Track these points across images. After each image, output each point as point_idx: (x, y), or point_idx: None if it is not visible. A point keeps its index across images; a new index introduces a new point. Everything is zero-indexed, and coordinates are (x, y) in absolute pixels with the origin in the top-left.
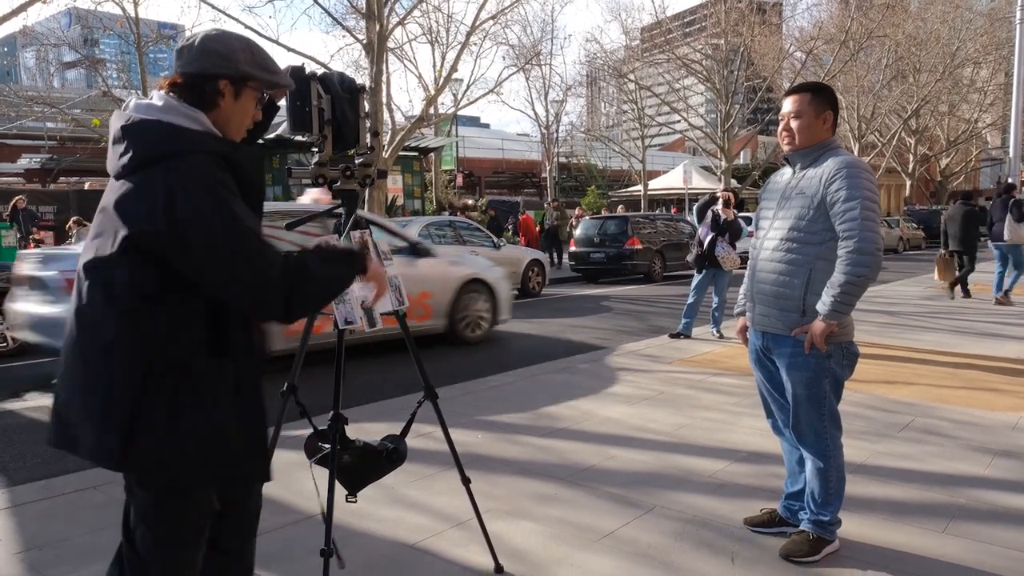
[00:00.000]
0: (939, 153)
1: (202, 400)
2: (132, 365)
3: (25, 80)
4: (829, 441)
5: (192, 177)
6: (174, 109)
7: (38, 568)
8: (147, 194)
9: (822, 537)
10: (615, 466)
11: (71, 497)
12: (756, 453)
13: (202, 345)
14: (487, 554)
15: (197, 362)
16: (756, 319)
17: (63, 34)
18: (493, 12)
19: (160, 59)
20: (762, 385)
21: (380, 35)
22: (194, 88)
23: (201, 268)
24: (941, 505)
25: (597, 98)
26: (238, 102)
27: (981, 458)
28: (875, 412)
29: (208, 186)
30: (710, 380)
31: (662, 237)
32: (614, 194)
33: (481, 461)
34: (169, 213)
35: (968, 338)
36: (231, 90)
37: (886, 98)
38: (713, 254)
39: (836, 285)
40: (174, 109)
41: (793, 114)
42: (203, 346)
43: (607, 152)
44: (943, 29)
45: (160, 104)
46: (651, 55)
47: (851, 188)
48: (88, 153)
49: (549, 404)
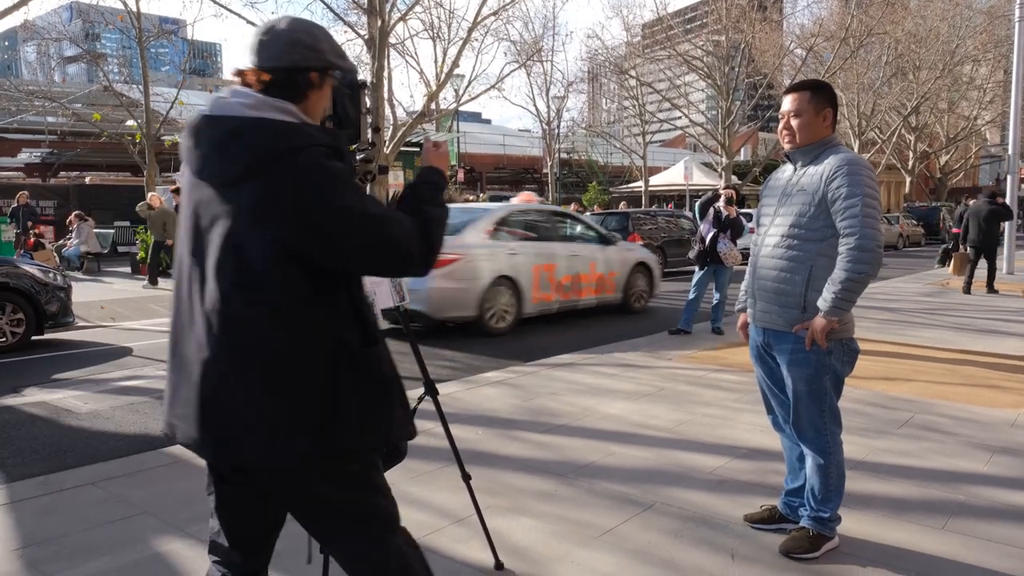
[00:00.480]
0: (939, 150)
1: (371, 387)
2: (309, 367)
3: (26, 74)
4: (829, 437)
5: (321, 170)
6: (271, 105)
7: (36, 565)
8: (281, 194)
9: (822, 534)
10: (615, 463)
11: (70, 493)
12: (756, 449)
13: (357, 337)
14: (487, 551)
15: (358, 353)
16: (757, 315)
17: (64, 28)
18: (495, 8)
19: (161, 54)
20: (763, 381)
21: (382, 30)
22: (287, 82)
23: (348, 254)
24: (941, 502)
25: (598, 94)
26: (321, 92)
27: (981, 455)
28: (875, 408)
29: (335, 176)
30: (710, 376)
31: (663, 233)
32: (615, 190)
33: (481, 457)
34: (308, 209)
35: (968, 334)
36: (318, 81)
37: (886, 95)
38: (715, 250)
39: (837, 282)
40: (271, 105)
41: (793, 112)
42: (358, 338)
43: (608, 148)
44: (943, 26)
45: (253, 101)
46: (652, 51)
47: (852, 185)
48: (89, 148)
49: (549, 400)
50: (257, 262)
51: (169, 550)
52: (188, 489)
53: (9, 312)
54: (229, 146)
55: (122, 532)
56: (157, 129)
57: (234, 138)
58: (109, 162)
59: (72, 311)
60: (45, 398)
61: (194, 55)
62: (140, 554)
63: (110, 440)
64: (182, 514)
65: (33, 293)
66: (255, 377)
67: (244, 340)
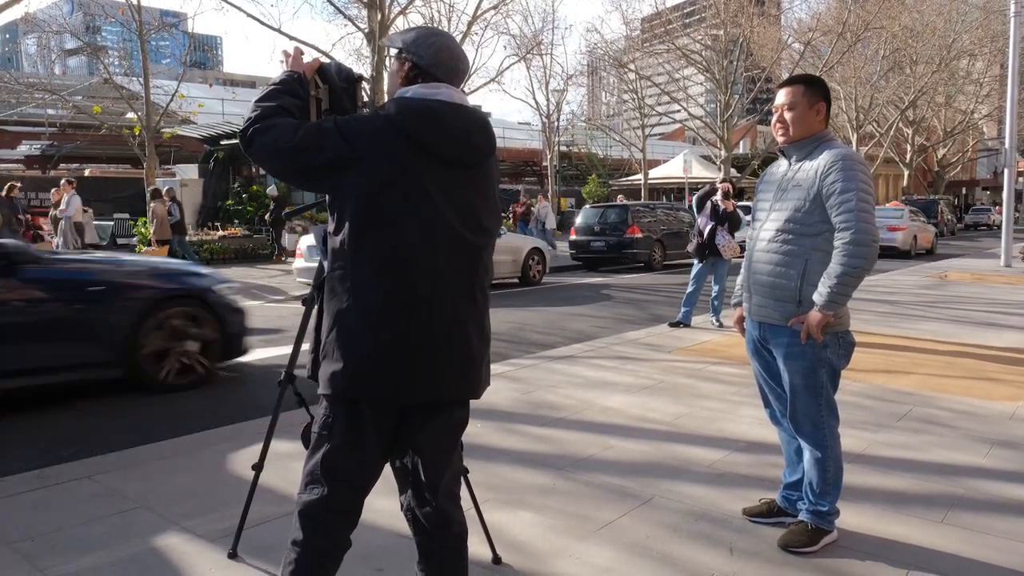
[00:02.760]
0: (936, 143)
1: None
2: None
3: (26, 67)
4: (827, 431)
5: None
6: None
7: (31, 559)
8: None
9: (820, 527)
10: (614, 456)
11: (65, 487)
12: (755, 443)
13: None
14: (485, 544)
15: None
16: (753, 309)
17: (65, 21)
18: (495, 2)
19: (162, 47)
20: (759, 375)
21: (382, 24)
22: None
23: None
24: (939, 495)
25: (598, 87)
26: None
27: (979, 447)
28: (873, 402)
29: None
30: (709, 369)
31: (662, 226)
32: (615, 183)
33: (479, 451)
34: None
35: (966, 327)
36: None
37: (883, 89)
38: (713, 243)
39: (833, 276)
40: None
41: (787, 106)
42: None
43: (608, 141)
44: (939, 21)
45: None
46: (651, 45)
47: (846, 180)
48: (88, 140)
49: (548, 393)
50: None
51: (165, 544)
52: (184, 483)
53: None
54: (485, 132)
55: (117, 526)
56: (157, 122)
57: (488, 127)
58: (109, 154)
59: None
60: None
61: (195, 48)
62: (135, 548)
63: (106, 433)
64: (178, 508)
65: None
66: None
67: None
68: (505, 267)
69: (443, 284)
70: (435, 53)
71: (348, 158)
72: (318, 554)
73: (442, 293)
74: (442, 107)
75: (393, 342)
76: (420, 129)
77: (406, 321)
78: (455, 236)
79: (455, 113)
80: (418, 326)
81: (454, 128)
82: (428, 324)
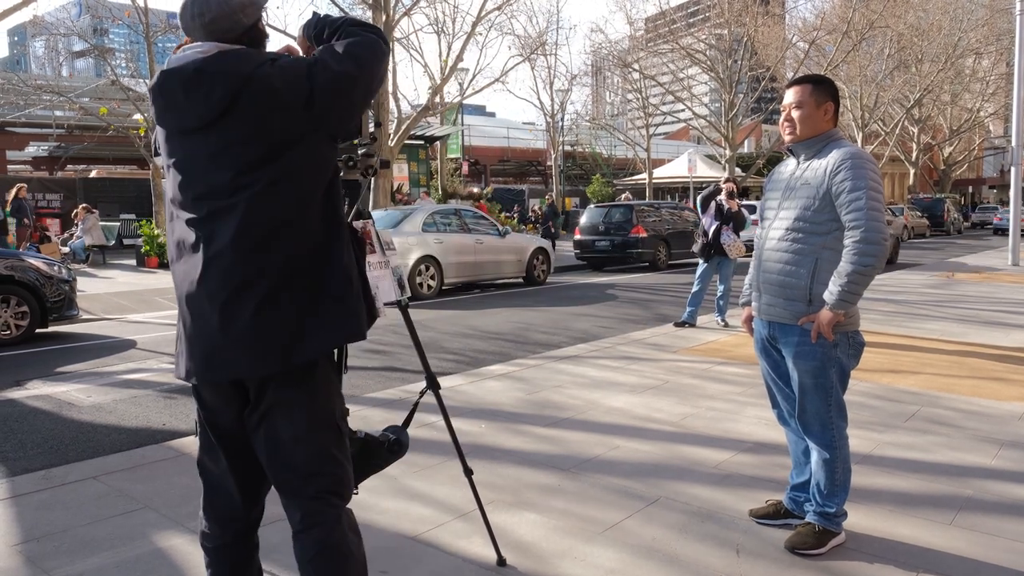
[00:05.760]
0: (942, 142)
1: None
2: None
3: (34, 69)
4: (835, 432)
5: None
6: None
7: (36, 560)
8: None
9: (828, 529)
10: (619, 456)
11: (71, 487)
12: (761, 443)
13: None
14: (490, 546)
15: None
16: (762, 308)
17: (73, 24)
18: (499, 2)
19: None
20: (768, 375)
21: (387, 25)
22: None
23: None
24: (948, 496)
25: (602, 87)
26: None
27: (988, 448)
28: (881, 402)
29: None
30: (715, 369)
31: (667, 225)
32: (619, 182)
33: (484, 451)
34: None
35: (974, 327)
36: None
37: (889, 87)
38: (718, 243)
39: (843, 275)
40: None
41: (795, 105)
42: None
43: (612, 140)
44: (944, 19)
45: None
46: (655, 45)
47: (856, 179)
48: (95, 141)
49: (553, 393)
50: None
51: (170, 545)
52: (189, 484)
53: (13, 305)
54: None
55: (123, 527)
56: None
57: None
58: (115, 155)
59: (76, 304)
60: (48, 391)
61: None
62: (141, 549)
63: (112, 434)
64: (183, 509)
65: (37, 286)
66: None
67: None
68: (510, 267)
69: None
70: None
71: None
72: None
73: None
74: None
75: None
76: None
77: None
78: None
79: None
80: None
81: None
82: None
